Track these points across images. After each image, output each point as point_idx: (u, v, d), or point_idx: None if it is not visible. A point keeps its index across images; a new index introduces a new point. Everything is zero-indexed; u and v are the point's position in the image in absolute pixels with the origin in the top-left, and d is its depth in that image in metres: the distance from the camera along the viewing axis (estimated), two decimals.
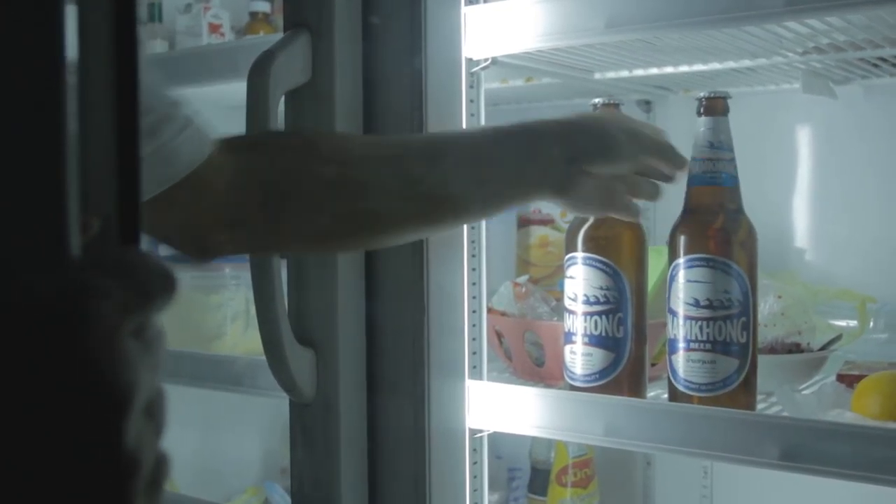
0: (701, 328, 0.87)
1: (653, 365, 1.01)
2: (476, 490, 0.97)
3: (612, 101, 0.96)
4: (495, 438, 0.98)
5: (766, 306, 1.02)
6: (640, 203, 0.89)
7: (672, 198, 0.92)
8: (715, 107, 0.89)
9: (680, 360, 0.88)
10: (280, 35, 0.92)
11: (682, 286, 0.88)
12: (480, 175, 0.80)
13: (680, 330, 0.88)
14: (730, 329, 0.86)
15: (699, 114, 0.90)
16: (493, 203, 0.84)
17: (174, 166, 0.67)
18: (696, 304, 0.87)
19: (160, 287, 0.31)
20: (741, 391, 0.87)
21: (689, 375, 0.88)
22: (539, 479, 1.39)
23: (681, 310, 0.88)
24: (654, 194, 0.89)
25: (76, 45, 0.30)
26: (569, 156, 0.80)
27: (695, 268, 0.87)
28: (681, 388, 0.88)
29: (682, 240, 0.89)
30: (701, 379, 0.87)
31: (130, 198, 0.32)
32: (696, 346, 0.87)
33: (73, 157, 0.29)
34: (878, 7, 0.78)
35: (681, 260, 0.89)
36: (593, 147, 0.82)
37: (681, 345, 0.88)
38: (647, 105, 1.39)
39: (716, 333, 0.86)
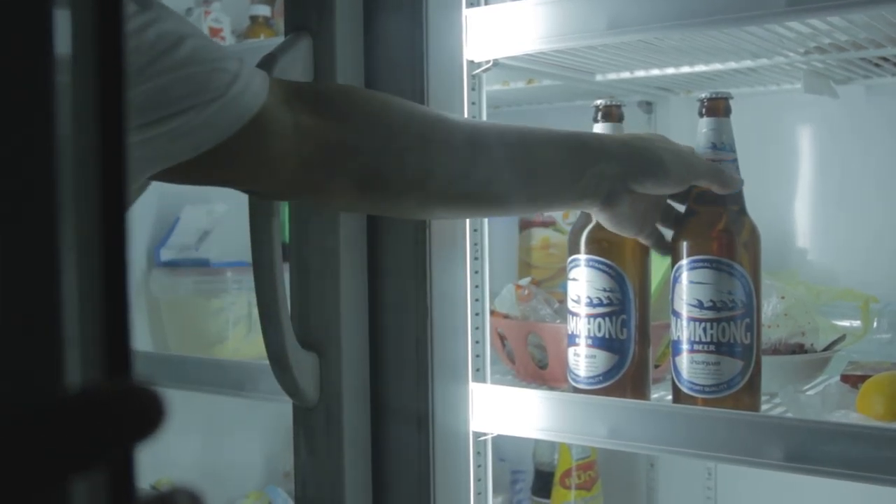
0: (705, 329, 0.87)
1: (656, 366, 1.00)
2: (480, 493, 0.96)
3: (613, 103, 0.96)
4: (499, 441, 0.98)
5: (770, 307, 1.01)
6: None
7: None
8: (717, 107, 0.89)
9: (684, 361, 0.88)
10: (281, 39, 0.92)
11: (685, 287, 0.88)
12: (537, 172, 0.83)
13: (683, 331, 0.88)
14: (734, 330, 0.86)
15: (701, 115, 0.90)
16: (539, 202, 0.89)
17: (226, 119, 0.67)
18: (700, 305, 0.87)
19: (143, 429, 0.28)
20: (745, 392, 0.87)
21: (693, 377, 0.87)
22: (543, 481, 1.39)
23: (684, 311, 0.88)
24: (678, 224, 0.91)
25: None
26: (622, 173, 0.84)
27: (698, 269, 0.87)
28: (685, 389, 0.88)
29: (685, 241, 0.89)
30: (705, 381, 0.87)
31: (120, 320, 0.29)
32: (699, 347, 0.87)
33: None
34: (879, 6, 0.78)
35: (684, 261, 0.88)
36: (646, 168, 0.84)
37: (684, 346, 0.88)
38: (648, 106, 1.39)
39: (720, 335, 0.86)
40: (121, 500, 0.28)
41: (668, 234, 0.92)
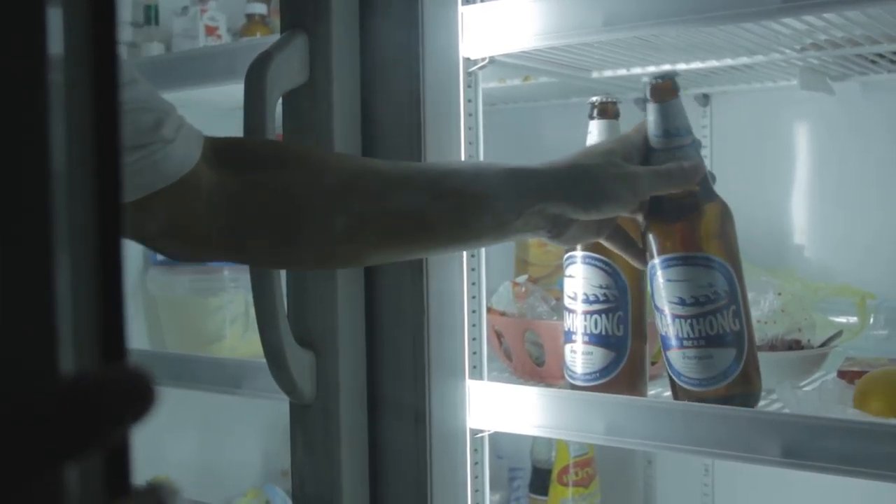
0: (692, 326, 0.84)
1: (653, 363, 1.00)
2: (477, 490, 0.96)
3: (609, 100, 0.96)
4: (496, 438, 0.98)
5: (766, 303, 1.02)
6: None
7: None
8: (663, 90, 0.86)
9: (675, 356, 0.87)
10: (277, 37, 0.92)
11: (663, 286, 0.85)
12: (472, 212, 0.79)
13: (670, 328, 0.86)
14: (721, 321, 0.84)
15: (646, 100, 0.87)
16: (481, 240, 0.84)
17: (169, 167, 0.67)
18: (682, 302, 0.85)
19: (131, 416, 0.28)
20: (744, 376, 0.85)
21: (688, 371, 0.86)
22: (540, 478, 1.39)
23: (667, 309, 0.86)
24: (646, 217, 0.88)
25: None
26: (563, 209, 0.79)
27: (672, 267, 0.85)
28: (681, 383, 0.87)
29: (652, 239, 0.86)
30: (700, 374, 0.85)
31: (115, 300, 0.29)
32: (689, 343, 0.85)
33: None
34: (875, 4, 0.78)
35: (656, 260, 0.86)
36: (587, 203, 0.80)
37: (673, 342, 0.86)
38: (644, 103, 1.39)
39: (707, 329, 0.84)
40: (116, 486, 0.28)
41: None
